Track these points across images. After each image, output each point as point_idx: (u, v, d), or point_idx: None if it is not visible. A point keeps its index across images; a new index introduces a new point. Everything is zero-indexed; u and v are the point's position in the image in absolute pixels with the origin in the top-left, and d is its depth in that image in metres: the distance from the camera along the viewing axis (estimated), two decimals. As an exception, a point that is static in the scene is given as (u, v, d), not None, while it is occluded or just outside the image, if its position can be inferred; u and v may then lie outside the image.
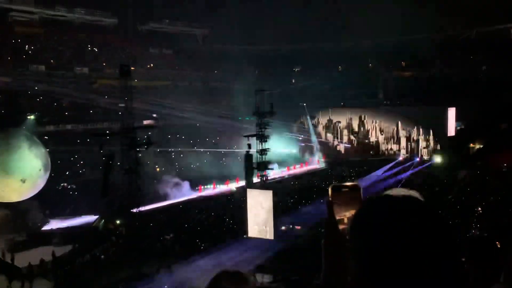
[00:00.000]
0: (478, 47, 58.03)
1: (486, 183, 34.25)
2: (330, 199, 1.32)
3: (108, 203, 30.58)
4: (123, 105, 26.91)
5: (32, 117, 38.41)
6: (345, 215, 1.29)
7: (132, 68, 31.00)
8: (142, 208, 27.10)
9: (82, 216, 30.49)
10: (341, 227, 1.29)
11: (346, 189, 1.33)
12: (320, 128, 61.19)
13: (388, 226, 0.98)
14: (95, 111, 49.79)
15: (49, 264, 22.93)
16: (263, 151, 31.63)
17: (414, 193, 1.80)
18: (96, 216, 29.89)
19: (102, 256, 23.71)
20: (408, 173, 42.35)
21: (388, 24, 59.62)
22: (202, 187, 38.30)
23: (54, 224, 29.37)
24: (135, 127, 27.05)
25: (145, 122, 46.98)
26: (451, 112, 51.28)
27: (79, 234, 27.36)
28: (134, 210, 25.96)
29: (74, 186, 37.24)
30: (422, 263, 0.93)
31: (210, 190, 38.32)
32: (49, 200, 31.52)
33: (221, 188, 38.73)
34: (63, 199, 33.65)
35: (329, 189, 1.34)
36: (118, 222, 27.70)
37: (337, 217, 1.30)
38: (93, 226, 28.78)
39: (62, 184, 37.36)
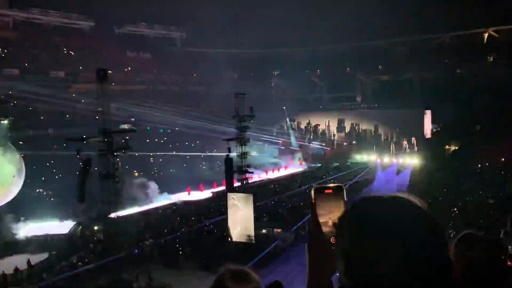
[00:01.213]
0: (453, 51, 59.38)
1: (462, 184, 34.97)
2: (313, 201, 1.28)
3: (85, 209, 30.03)
4: (100, 109, 26.50)
5: (5, 121, 37.44)
6: (329, 217, 1.26)
7: (109, 71, 30.57)
8: (121, 214, 26.72)
9: (59, 222, 29.79)
10: (325, 229, 1.25)
11: (329, 191, 1.29)
12: (300, 131, 61.57)
13: (376, 226, 0.94)
14: (71, 115, 48.92)
15: (24, 273, 22.31)
16: (243, 155, 31.61)
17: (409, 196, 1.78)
18: (73, 223, 29.27)
19: (79, 264, 23.19)
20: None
21: (365, 28, 60.55)
22: (184, 191, 37.97)
23: (29, 231, 28.61)
24: (113, 132, 26.69)
25: (123, 126, 46.36)
26: (428, 115, 52.29)
27: (55, 241, 26.74)
28: (112, 216, 25.55)
29: (50, 192, 36.42)
30: (412, 265, 0.90)
31: (190, 194, 38.00)
32: (24, 206, 30.75)
33: (201, 192, 38.46)
34: (39, 205, 32.84)
35: (312, 191, 1.30)
36: (96, 228, 27.19)
37: (321, 220, 1.27)
38: (70, 232, 28.15)
39: (37, 190, 36.51)
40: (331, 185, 1.30)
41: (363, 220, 0.98)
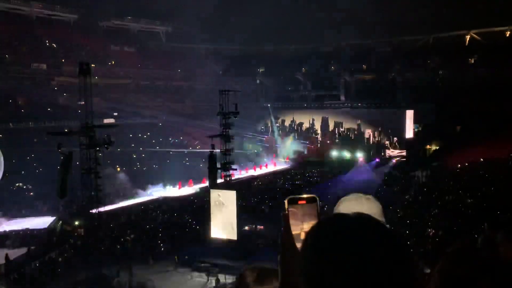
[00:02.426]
0: (435, 52, 60.21)
1: (442, 183, 35.55)
2: (286, 212, 1.27)
3: (66, 204, 29.68)
4: (82, 103, 26.15)
5: (-16, 114, 36.73)
6: (302, 228, 1.24)
7: (92, 65, 30.19)
8: (102, 209, 26.46)
9: (38, 217, 29.40)
10: (297, 241, 1.22)
11: (303, 201, 1.28)
12: (284, 129, 61.82)
13: (338, 247, 0.95)
14: (53, 109, 48.17)
15: (2, 268, 21.98)
16: (227, 151, 31.56)
17: (369, 198, 1.83)
18: (53, 218, 28.91)
19: (60, 259, 22.94)
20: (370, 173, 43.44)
21: (349, 28, 60.98)
22: (166, 187, 37.81)
23: (8, 226, 28.15)
24: (95, 126, 26.37)
25: (106, 120, 45.89)
26: (409, 115, 52.98)
27: (35, 236, 26.38)
28: (94, 211, 25.29)
29: (30, 186, 35.88)
30: (370, 282, 0.90)
31: (173, 190, 37.87)
32: (3, 200, 30.25)
33: (184, 188, 38.37)
34: (18, 200, 32.35)
35: (285, 202, 1.28)
36: (76, 223, 26.90)
37: (294, 232, 1.24)
38: (50, 227, 27.80)
39: (17, 184, 35.93)
40: (305, 195, 1.29)
41: (324, 238, 0.99)
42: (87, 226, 25.22)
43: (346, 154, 52.65)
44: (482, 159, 39.54)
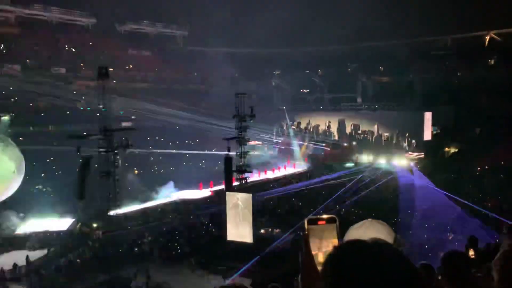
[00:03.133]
0: (454, 53, 59.34)
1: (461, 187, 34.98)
2: (306, 232, 1.27)
3: (84, 206, 30.08)
4: (101, 106, 26.55)
5: (6, 117, 37.48)
6: (321, 248, 1.24)
7: (110, 69, 30.62)
8: (120, 211, 26.78)
9: (58, 219, 29.84)
10: (317, 262, 1.23)
11: (323, 222, 1.29)
12: (300, 132, 61.59)
13: (356, 272, 0.99)
14: (72, 112, 48.92)
15: (23, 269, 22.38)
16: (243, 154, 31.67)
17: (383, 224, 1.81)
18: (72, 220, 29.33)
19: (78, 261, 23.25)
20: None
21: (366, 29, 60.56)
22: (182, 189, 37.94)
23: (29, 228, 28.65)
24: (114, 129, 26.75)
25: (124, 124, 46.39)
26: (428, 117, 52.23)
27: (54, 238, 26.79)
28: (112, 213, 25.62)
29: (50, 189, 36.45)
30: None
31: (190, 192, 37.99)
32: (23, 202, 30.79)
33: (202, 191, 38.49)
34: (38, 202, 32.89)
35: (305, 222, 1.29)
36: (94, 225, 27.24)
37: (313, 252, 1.25)
38: (69, 229, 28.20)
39: (37, 187, 36.53)
40: (325, 216, 1.30)
41: (344, 267, 1.03)
42: (105, 228, 25.53)
43: (363, 157, 52.20)
44: (502, 162, 38.78)
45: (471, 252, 6.57)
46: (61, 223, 29.18)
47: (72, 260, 23.31)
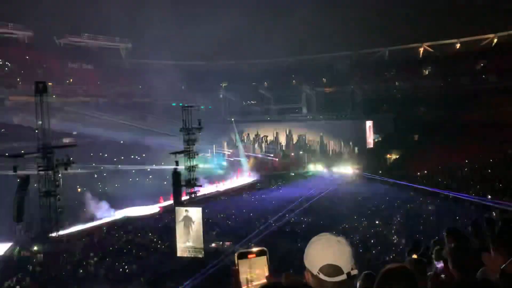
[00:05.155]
0: (391, 64, 62.43)
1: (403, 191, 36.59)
2: (236, 267, 1.28)
3: (24, 228, 28.42)
4: (39, 123, 25.38)
5: None
6: (251, 282, 1.24)
7: (49, 83, 29.40)
8: (62, 232, 25.57)
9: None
10: None
11: (253, 255, 1.30)
12: (249, 143, 61.97)
13: None
14: (8, 129, 46.34)
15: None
16: (191, 168, 31.35)
17: (340, 241, 1.84)
18: (10, 243, 27.56)
19: (17, 287, 21.83)
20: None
21: (308, 42, 62.48)
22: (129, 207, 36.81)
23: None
24: (53, 146, 25.62)
25: (65, 140, 44.55)
26: (369, 125, 54.40)
27: (-11, 264, 25.04)
28: (53, 235, 24.40)
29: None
30: None
31: (138, 209, 36.94)
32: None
33: (149, 207, 37.54)
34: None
35: (235, 256, 1.31)
36: (35, 248, 25.77)
37: (244, 286, 1.25)
38: (6, 254, 26.47)
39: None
40: (254, 249, 1.31)
41: None
42: (47, 251, 24.24)
43: (310, 166, 53.46)
44: (440, 167, 40.97)
45: (414, 256, 6.83)
46: (-3, 248, 27.34)
47: (12, 286, 21.87)
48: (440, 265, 4.71)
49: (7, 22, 59.40)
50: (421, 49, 63.34)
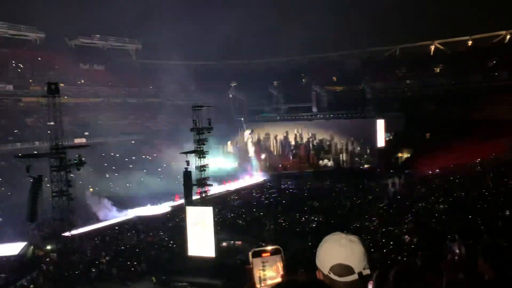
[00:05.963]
0: (402, 62, 61.96)
1: (414, 190, 36.23)
2: (250, 266, 1.27)
3: (37, 228, 28.77)
4: (52, 123, 25.65)
5: None
6: (264, 281, 1.24)
7: (61, 84, 29.70)
8: (75, 232, 25.83)
9: (8, 243, 28.33)
10: None
11: (267, 254, 1.29)
12: (258, 142, 61.95)
13: None
14: (21, 130, 46.95)
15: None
16: (202, 167, 31.39)
17: (353, 240, 1.82)
18: (24, 243, 27.93)
19: (31, 286, 22.11)
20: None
21: (319, 41, 62.28)
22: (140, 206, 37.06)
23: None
24: (66, 147, 25.87)
25: (76, 140, 44.98)
26: (380, 124, 53.95)
27: (4, 263, 25.39)
28: (66, 234, 24.65)
29: (0, 212, 34.66)
30: None
31: (150, 208, 37.19)
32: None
33: (160, 206, 37.78)
34: (-14, 226, 31.16)
35: (249, 255, 1.30)
36: (48, 248, 26.06)
37: (257, 286, 1.25)
38: (21, 253, 26.82)
39: (-16, 210, 34.63)
40: (269, 247, 1.31)
41: None
42: (60, 251, 24.50)
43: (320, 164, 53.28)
44: (451, 165, 40.55)
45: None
46: (12, 247, 27.71)
47: (26, 285, 22.16)
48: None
49: (19, 24, 60.13)
50: (432, 47, 62.77)
